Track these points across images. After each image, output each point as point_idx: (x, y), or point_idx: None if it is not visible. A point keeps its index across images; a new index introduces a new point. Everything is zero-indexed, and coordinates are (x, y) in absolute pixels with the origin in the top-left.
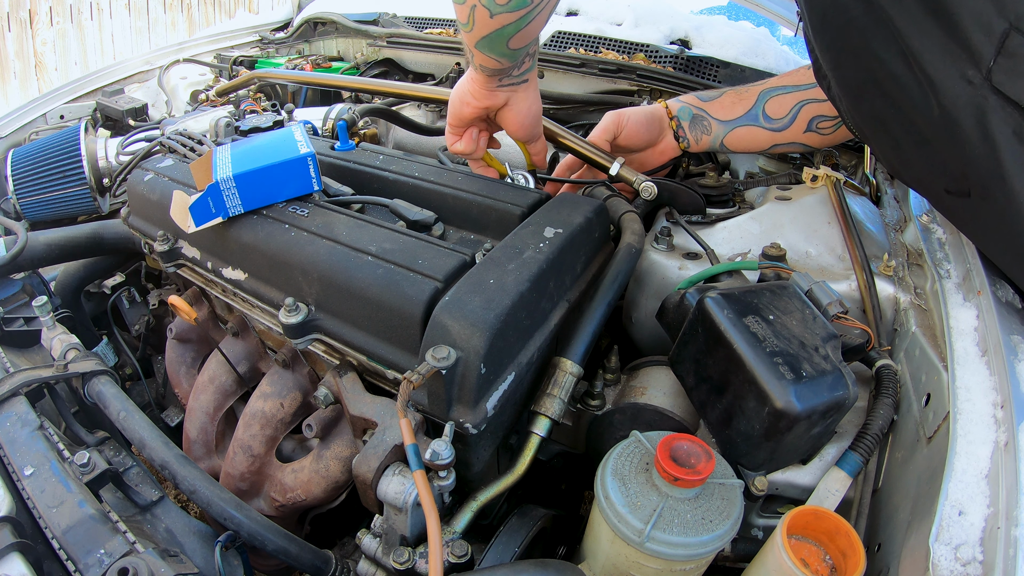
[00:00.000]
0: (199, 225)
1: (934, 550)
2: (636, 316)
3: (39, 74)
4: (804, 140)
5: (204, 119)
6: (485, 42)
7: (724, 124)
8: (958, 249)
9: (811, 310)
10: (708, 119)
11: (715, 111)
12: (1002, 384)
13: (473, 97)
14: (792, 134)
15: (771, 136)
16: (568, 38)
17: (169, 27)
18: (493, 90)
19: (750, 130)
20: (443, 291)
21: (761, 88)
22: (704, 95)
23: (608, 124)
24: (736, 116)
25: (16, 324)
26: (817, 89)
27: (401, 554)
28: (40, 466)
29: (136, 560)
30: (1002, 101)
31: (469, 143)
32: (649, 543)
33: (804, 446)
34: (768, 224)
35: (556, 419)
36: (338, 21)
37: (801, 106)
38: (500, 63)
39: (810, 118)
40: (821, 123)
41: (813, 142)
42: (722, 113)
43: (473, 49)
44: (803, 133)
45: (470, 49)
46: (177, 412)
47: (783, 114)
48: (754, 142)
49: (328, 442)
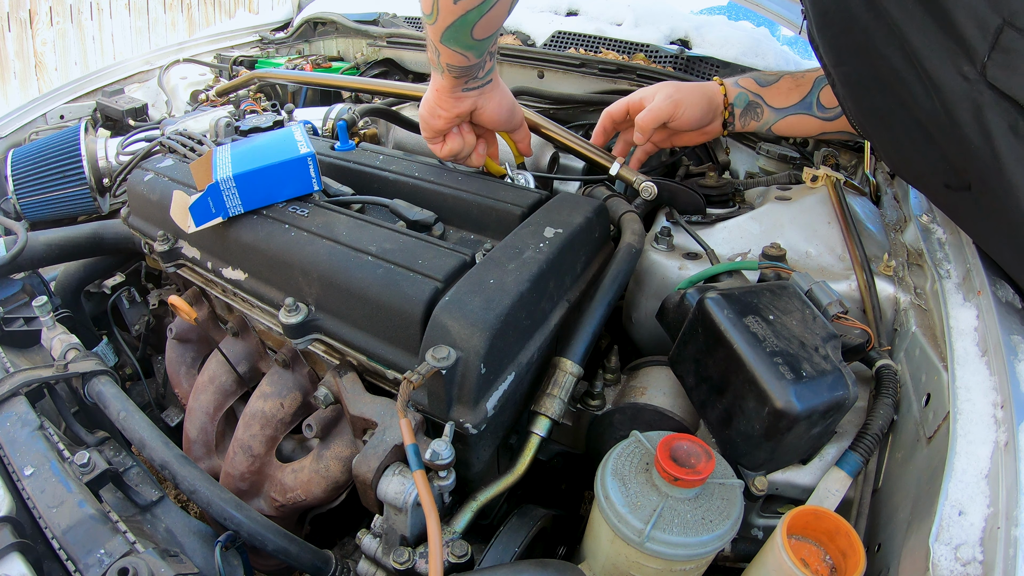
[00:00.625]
0: (199, 225)
1: (934, 550)
2: (636, 316)
3: (39, 74)
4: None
5: (204, 119)
6: (450, 32)
7: (777, 112)
8: (958, 249)
9: (811, 310)
10: (762, 106)
11: (771, 98)
12: (1002, 384)
13: (441, 108)
14: (842, 123)
15: (821, 124)
16: (568, 38)
17: (169, 27)
18: (459, 96)
19: (801, 119)
20: (443, 291)
21: (818, 74)
22: (762, 78)
23: (664, 108)
24: (791, 104)
25: (16, 324)
26: None
27: (401, 554)
28: (40, 466)
29: (136, 560)
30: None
31: (455, 142)
32: (649, 543)
33: (804, 446)
34: (768, 224)
35: (556, 419)
36: (338, 21)
37: None
38: (466, 58)
39: None
40: None
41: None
42: (778, 100)
43: (439, 45)
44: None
45: (435, 45)
46: (177, 412)
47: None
48: (803, 129)
49: (328, 442)
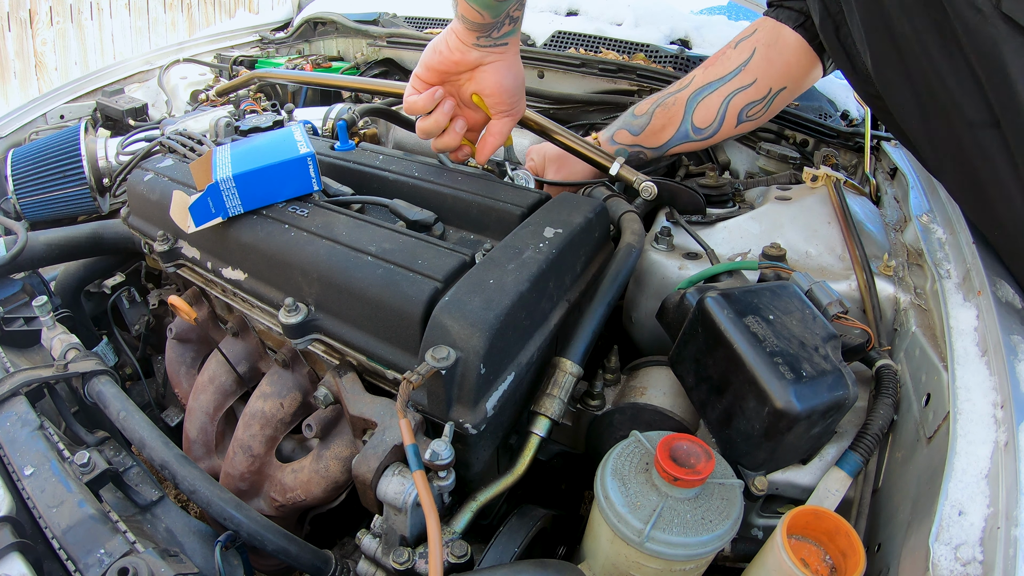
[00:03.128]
0: (199, 225)
1: (934, 550)
2: (636, 316)
3: (39, 74)
4: (739, 131)
5: (204, 119)
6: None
7: (656, 150)
8: (958, 249)
9: (811, 310)
10: (642, 150)
11: (647, 141)
12: (1002, 384)
13: (447, 47)
14: (724, 133)
15: (704, 143)
16: (568, 38)
17: (169, 27)
18: (469, 47)
19: (682, 146)
20: (443, 291)
21: (688, 93)
22: (634, 125)
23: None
24: (666, 140)
25: (16, 324)
26: (742, 75)
27: (401, 554)
28: (40, 466)
29: (136, 560)
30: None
31: (428, 100)
32: (649, 543)
33: (804, 446)
34: (768, 224)
35: (556, 419)
36: (338, 21)
37: (728, 101)
38: (482, 15)
39: (739, 110)
40: (751, 110)
41: (749, 128)
42: (653, 141)
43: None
44: (735, 127)
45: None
46: (177, 412)
47: (711, 119)
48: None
49: (328, 442)
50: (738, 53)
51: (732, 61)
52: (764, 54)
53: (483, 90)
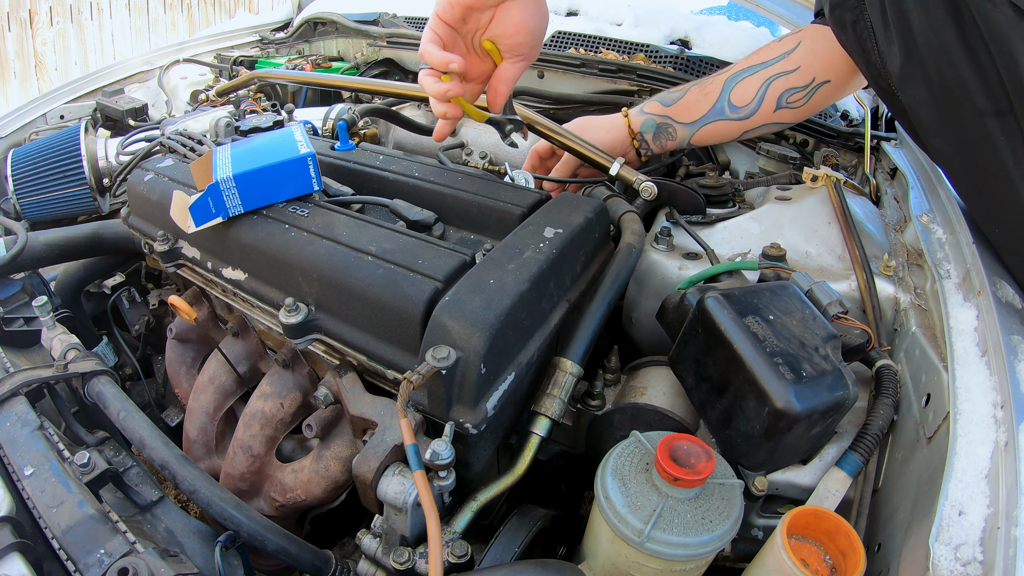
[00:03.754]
0: (199, 225)
1: (934, 550)
2: (636, 316)
3: (39, 74)
4: (776, 119)
5: (204, 119)
6: None
7: (688, 127)
8: (958, 249)
9: (811, 310)
10: (672, 125)
11: (679, 114)
12: (1002, 384)
13: None
14: (761, 117)
15: (739, 125)
16: (568, 38)
17: (169, 27)
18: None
19: (716, 125)
20: (443, 291)
21: (727, 75)
22: (668, 98)
23: None
24: (701, 115)
25: (16, 324)
26: (785, 61)
27: (401, 554)
28: (40, 466)
29: (136, 560)
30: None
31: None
32: (649, 543)
33: (804, 446)
34: (768, 224)
35: (556, 419)
36: (338, 21)
37: (768, 84)
38: None
39: (779, 94)
40: (791, 97)
41: (787, 118)
42: (686, 115)
43: None
44: (774, 112)
45: None
46: (177, 412)
47: (749, 99)
48: (722, 135)
49: (328, 442)
50: (782, 44)
51: (775, 50)
52: (810, 46)
53: (506, 28)
